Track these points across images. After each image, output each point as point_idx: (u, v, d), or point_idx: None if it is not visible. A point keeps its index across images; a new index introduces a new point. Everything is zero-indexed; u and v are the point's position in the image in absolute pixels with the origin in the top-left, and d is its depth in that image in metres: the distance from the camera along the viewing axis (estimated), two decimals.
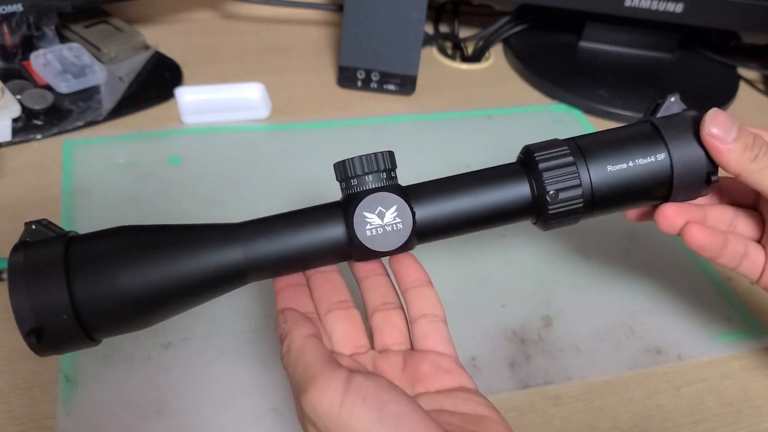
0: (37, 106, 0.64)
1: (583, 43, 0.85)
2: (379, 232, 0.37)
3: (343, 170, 0.38)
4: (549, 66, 0.81)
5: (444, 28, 0.90)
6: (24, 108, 0.63)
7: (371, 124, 0.71)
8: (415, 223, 0.37)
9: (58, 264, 0.34)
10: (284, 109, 0.71)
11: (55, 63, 0.67)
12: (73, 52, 0.69)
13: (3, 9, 0.63)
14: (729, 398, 0.49)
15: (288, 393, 0.45)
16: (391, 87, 0.74)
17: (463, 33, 0.87)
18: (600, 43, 0.85)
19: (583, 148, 0.39)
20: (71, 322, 0.34)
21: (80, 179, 0.59)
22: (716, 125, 0.38)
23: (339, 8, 0.82)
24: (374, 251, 0.37)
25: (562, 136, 0.39)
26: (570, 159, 0.38)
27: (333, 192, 0.66)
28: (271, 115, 0.69)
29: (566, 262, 0.57)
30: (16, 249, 0.34)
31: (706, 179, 0.39)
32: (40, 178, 0.59)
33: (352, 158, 0.37)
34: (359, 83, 0.74)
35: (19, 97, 0.63)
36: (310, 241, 0.37)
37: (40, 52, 0.67)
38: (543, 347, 0.50)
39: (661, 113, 0.40)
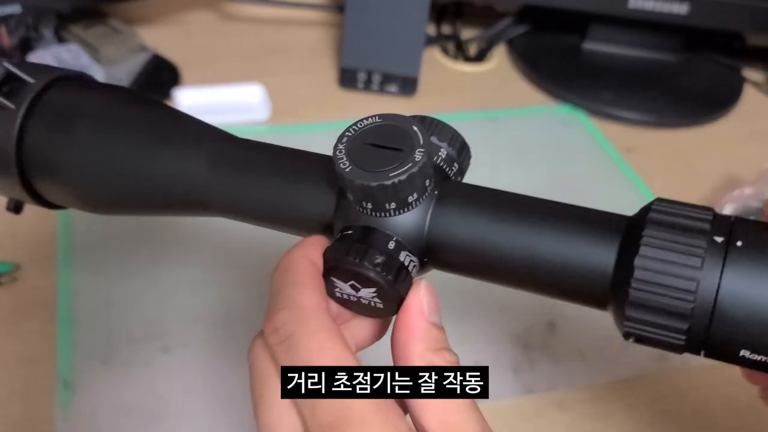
0: None
1: (587, 45, 0.85)
2: None
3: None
4: (552, 67, 0.81)
5: (446, 29, 0.89)
6: None
7: None
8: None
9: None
10: (285, 111, 0.70)
11: (54, 64, 0.66)
12: (72, 53, 0.68)
13: (1, 10, 0.63)
14: (734, 403, 0.48)
15: None
16: (393, 88, 0.74)
17: (466, 34, 0.87)
18: (604, 45, 0.85)
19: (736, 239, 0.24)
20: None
21: None
22: None
23: (340, 9, 0.82)
24: None
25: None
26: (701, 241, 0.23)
27: None
28: (272, 117, 0.69)
29: None
30: None
31: None
32: None
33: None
34: (361, 85, 0.74)
35: None
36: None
37: (39, 53, 0.67)
38: (547, 352, 0.50)
39: None
